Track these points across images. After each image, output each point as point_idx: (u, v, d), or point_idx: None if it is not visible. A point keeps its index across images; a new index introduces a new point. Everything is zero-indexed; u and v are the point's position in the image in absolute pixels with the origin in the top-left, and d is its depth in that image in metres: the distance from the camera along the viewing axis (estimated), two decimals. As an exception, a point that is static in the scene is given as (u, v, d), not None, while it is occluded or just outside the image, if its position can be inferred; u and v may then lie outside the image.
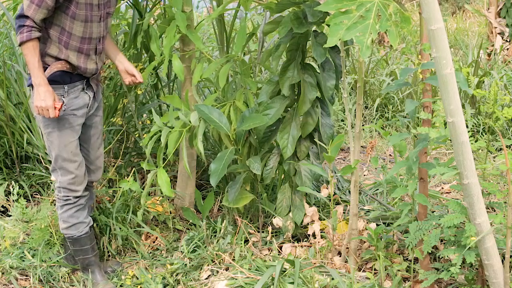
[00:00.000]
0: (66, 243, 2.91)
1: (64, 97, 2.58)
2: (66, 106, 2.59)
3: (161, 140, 2.93)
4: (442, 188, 4.02)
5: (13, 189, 3.25)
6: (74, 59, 2.57)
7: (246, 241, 3.07)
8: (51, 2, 2.41)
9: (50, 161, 3.56)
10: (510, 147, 4.64)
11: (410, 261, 2.72)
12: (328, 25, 1.92)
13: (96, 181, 3.01)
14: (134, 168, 3.60)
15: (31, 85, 2.53)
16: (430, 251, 2.36)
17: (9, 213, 3.31)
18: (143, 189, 3.18)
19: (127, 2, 3.55)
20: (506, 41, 7.78)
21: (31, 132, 3.64)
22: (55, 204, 3.33)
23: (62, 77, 2.57)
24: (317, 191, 3.48)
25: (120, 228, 3.11)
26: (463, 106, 4.89)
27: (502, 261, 2.20)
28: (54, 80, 2.54)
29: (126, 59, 2.88)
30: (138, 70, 2.99)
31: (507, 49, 7.68)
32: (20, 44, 2.43)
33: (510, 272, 2.18)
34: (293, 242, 3.07)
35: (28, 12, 2.40)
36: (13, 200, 3.34)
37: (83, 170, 2.72)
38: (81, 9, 2.49)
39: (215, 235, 3.10)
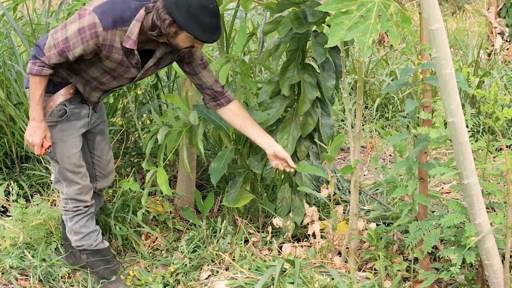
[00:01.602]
0: (66, 249, 2.90)
1: (66, 106, 2.50)
2: (68, 117, 2.52)
3: (158, 138, 2.92)
4: (442, 188, 4.02)
5: (12, 189, 3.25)
6: (80, 87, 2.50)
7: (246, 241, 3.07)
8: (71, 58, 2.31)
9: (48, 162, 3.57)
10: (510, 147, 4.64)
11: (410, 261, 2.72)
12: (329, 25, 1.91)
13: (109, 185, 2.94)
14: (134, 168, 3.60)
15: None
16: (430, 251, 2.36)
17: (9, 213, 3.31)
18: (143, 189, 3.18)
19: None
20: (506, 41, 7.78)
21: (31, 132, 3.64)
22: (55, 205, 3.34)
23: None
24: (317, 191, 3.48)
25: (120, 228, 3.11)
26: (463, 106, 4.89)
27: (502, 261, 2.20)
28: (51, 92, 2.47)
29: (275, 141, 2.64)
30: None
31: (507, 49, 7.69)
32: (29, 73, 2.36)
33: (510, 272, 2.18)
34: (293, 242, 3.07)
35: (46, 52, 2.30)
36: (12, 200, 3.34)
37: (88, 180, 2.65)
38: (106, 67, 2.40)
39: (215, 235, 3.10)
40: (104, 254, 2.70)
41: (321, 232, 3.04)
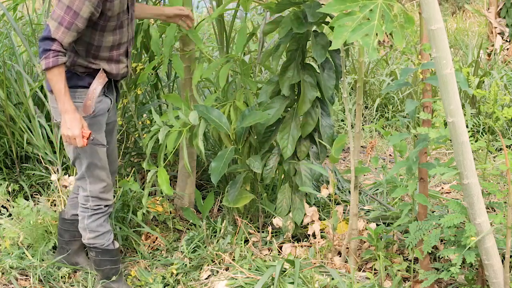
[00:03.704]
0: (70, 244, 2.90)
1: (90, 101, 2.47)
2: (95, 113, 2.48)
3: (159, 138, 2.92)
4: (442, 188, 4.02)
5: (13, 189, 3.25)
6: (106, 67, 2.47)
7: (246, 241, 3.07)
8: (82, 25, 2.26)
9: (50, 161, 3.57)
10: (510, 147, 4.64)
11: (410, 261, 2.72)
12: (332, 27, 1.91)
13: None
14: (134, 168, 3.60)
15: (51, 91, 2.43)
16: (430, 251, 2.36)
17: (9, 213, 3.31)
18: (143, 189, 3.18)
19: (127, 2, 3.54)
20: (506, 41, 7.78)
21: (31, 132, 3.64)
22: (55, 205, 3.34)
23: (88, 81, 2.47)
24: (317, 191, 3.48)
25: (120, 228, 3.11)
26: (463, 106, 4.89)
27: (502, 261, 2.20)
28: (83, 86, 2.44)
29: (162, 7, 2.91)
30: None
31: (507, 49, 7.69)
32: (45, 69, 2.29)
33: (510, 272, 2.18)
34: (293, 242, 3.07)
35: (56, 34, 2.25)
36: (13, 200, 3.34)
37: (111, 178, 2.65)
38: (113, 20, 2.38)
39: (215, 235, 3.10)
40: (113, 255, 2.70)
41: (321, 232, 3.04)
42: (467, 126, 2.03)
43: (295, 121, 2.95)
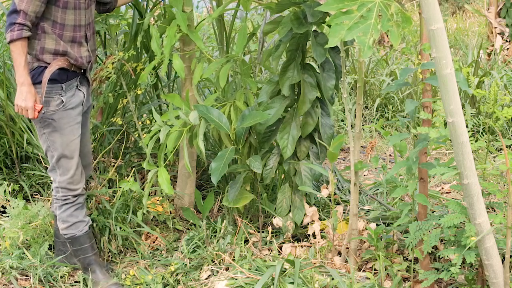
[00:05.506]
0: (66, 245, 2.91)
1: (62, 96, 2.60)
2: (65, 106, 2.60)
3: (160, 138, 2.93)
4: (442, 188, 4.02)
5: (13, 189, 3.25)
6: (70, 50, 2.59)
7: (246, 241, 3.07)
8: None
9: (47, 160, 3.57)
10: (510, 147, 4.64)
11: (410, 261, 2.72)
12: (329, 26, 1.91)
13: (87, 177, 3.02)
14: (134, 168, 3.60)
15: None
16: (430, 251, 2.36)
17: (8, 213, 3.31)
18: (143, 189, 3.18)
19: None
20: (506, 41, 7.78)
21: (31, 132, 3.64)
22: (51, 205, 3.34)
23: (60, 75, 2.59)
24: (317, 191, 3.48)
25: (120, 228, 3.11)
26: (463, 106, 4.88)
27: (502, 261, 2.20)
28: (53, 79, 2.56)
29: None
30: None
31: (507, 49, 7.68)
32: (10, 42, 2.44)
33: (510, 272, 2.18)
34: (293, 242, 3.07)
35: (21, 5, 2.40)
36: (13, 201, 3.34)
37: (81, 168, 2.74)
38: (74, 8, 2.54)
39: (215, 235, 3.10)
40: (82, 242, 2.77)
41: (321, 232, 3.04)
42: (467, 126, 2.03)
43: (295, 121, 2.95)
